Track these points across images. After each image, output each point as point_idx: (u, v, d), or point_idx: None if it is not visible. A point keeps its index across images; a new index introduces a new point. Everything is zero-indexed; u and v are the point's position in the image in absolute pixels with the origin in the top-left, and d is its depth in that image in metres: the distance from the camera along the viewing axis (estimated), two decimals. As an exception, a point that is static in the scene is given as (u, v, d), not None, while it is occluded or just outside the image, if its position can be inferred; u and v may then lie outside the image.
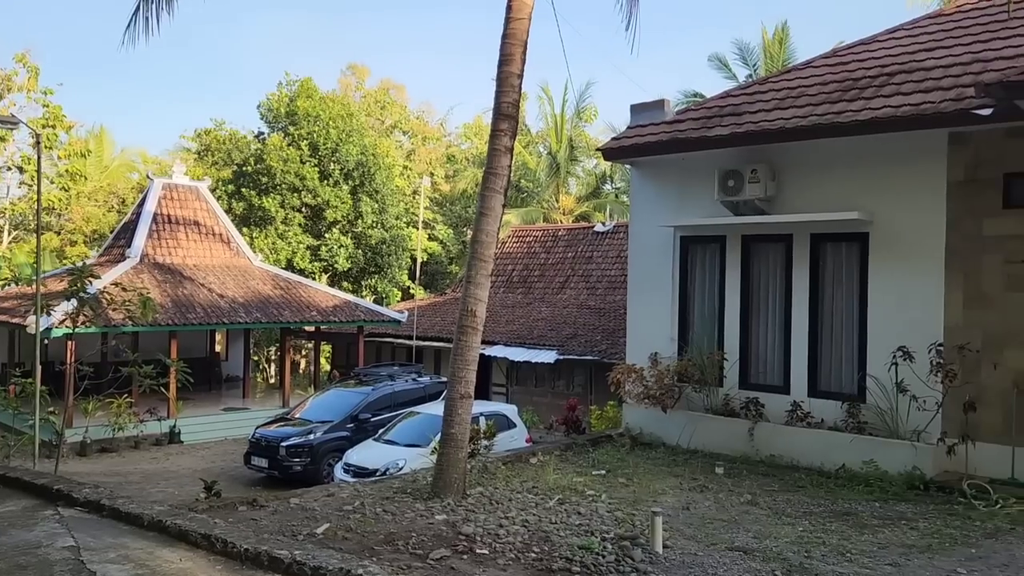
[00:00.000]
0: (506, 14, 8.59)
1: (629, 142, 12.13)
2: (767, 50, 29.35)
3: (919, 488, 8.79)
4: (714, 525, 7.42)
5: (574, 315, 23.67)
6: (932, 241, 9.65)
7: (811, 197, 10.62)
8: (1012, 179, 9.18)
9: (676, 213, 11.80)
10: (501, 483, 8.94)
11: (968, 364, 9.15)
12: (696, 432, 11.00)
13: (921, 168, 9.74)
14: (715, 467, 9.91)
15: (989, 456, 9.00)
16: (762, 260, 11.29)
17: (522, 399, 22.27)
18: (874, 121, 9.58)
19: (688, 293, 11.94)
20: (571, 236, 28.12)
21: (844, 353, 10.48)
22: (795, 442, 10.14)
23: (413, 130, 46.85)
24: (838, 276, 10.61)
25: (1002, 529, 7.32)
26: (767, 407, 10.64)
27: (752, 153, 10.90)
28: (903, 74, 10.41)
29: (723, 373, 11.26)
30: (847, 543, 6.83)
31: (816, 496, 8.60)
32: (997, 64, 9.58)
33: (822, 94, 10.81)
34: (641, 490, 8.78)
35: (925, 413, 9.27)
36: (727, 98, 12.29)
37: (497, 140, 8.60)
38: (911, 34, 11.77)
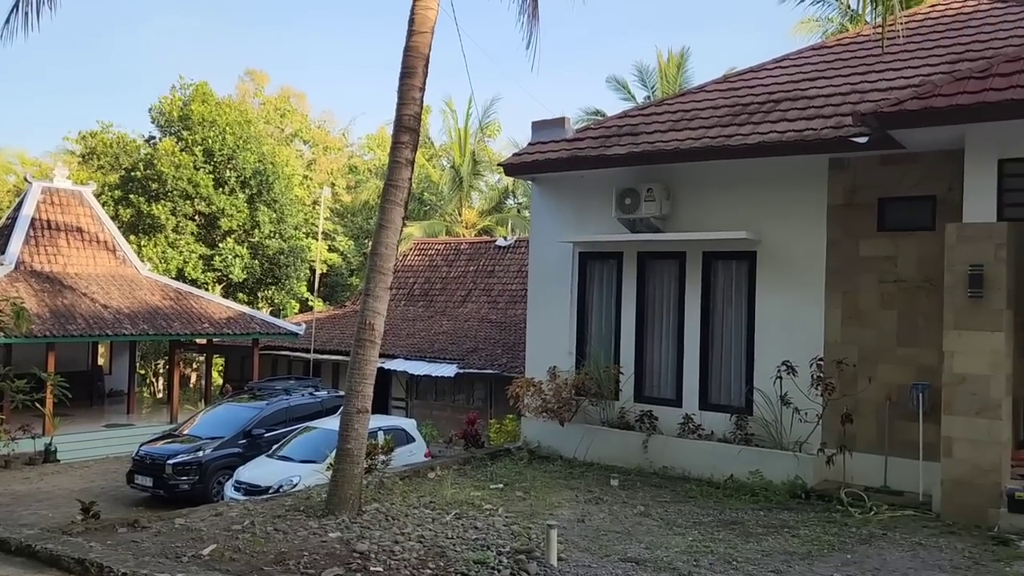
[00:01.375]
0: (408, 27, 8.57)
1: (530, 158, 12.28)
2: (664, 73, 30.31)
3: (801, 497, 9.19)
4: (608, 537, 7.54)
5: (475, 329, 23.69)
6: (814, 261, 10.15)
7: (703, 216, 11.00)
8: (886, 203, 9.78)
9: (575, 229, 12.01)
10: (398, 498, 8.83)
11: (846, 378, 9.65)
12: (593, 445, 11.18)
13: (804, 191, 10.24)
14: (610, 479, 10.09)
15: (864, 465, 9.50)
16: (657, 276, 11.61)
17: (422, 413, 22.10)
18: (761, 145, 10.03)
19: (586, 308, 12.15)
20: (473, 250, 28.19)
21: (733, 367, 10.88)
22: (687, 454, 10.44)
23: (314, 139, 46.01)
24: (728, 293, 11.02)
25: (875, 535, 7.73)
26: (661, 420, 10.92)
27: (648, 172, 11.21)
28: (788, 101, 10.95)
29: (619, 387, 11.50)
30: (733, 551, 7.06)
31: (706, 506, 8.87)
32: (873, 95, 10.20)
33: (714, 118, 11.25)
34: (538, 503, 8.84)
35: (807, 425, 9.71)
36: (625, 118, 12.63)
37: (398, 152, 8.54)
38: (796, 63, 12.40)
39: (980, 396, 8.17)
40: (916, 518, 8.31)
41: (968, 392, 8.22)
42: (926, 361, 9.24)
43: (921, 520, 8.25)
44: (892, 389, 9.51)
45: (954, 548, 7.27)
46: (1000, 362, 8.18)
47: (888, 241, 9.72)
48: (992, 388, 8.15)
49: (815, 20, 23.74)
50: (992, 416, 8.12)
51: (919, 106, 8.30)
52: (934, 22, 12.35)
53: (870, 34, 12.17)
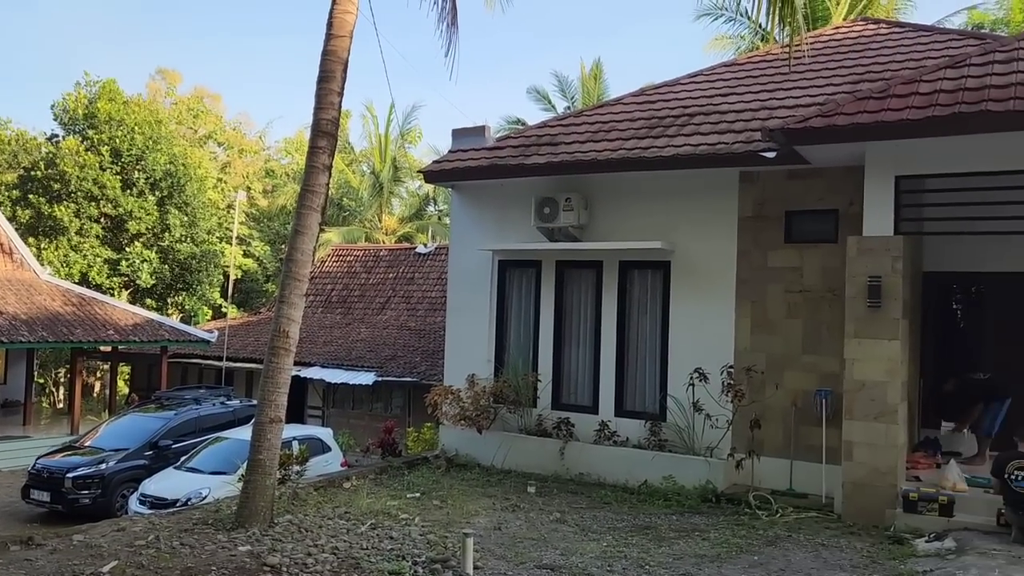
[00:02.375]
0: (327, 30, 8.45)
1: (450, 166, 12.27)
2: (584, 84, 30.77)
3: (712, 501, 9.42)
4: (524, 544, 7.57)
5: (394, 336, 23.47)
6: (725, 271, 10.46)
7: (620, 226, 11.20)
8: (792, 216, 10.16)
9: (495, 237, 12.04)
10: (312, 509, 8.65)
11: (755, 385, 9.96)
12: (510, 452, 11.20)
13: (716, 203, 10.55)
14: (528, 486, 10.13)
15: (772, 469, 9.82)
16: (575, 285, 11.74)
17: (339, 422, 21.72)
18: (675, 158, 10.29)
19: (505, 316, 12.20)
20: (393, 257, 27.94)
21: (648, 375, 11.10)
22: (603, 460, 10.58)
23: (229, 141, 44.78)
24: (643, 302, 11.24)
25: (781, 536, 8.00)
26: (577, 427, 11.03)
27: (567, 182, 11.35)
28: (702, 115, 11.27)
29: (537, 394, 11.58)
30: (646, 556, 7.19)
31: (620, 512, 9.00)
32: (781, 112, 10.60)
33: (631, 130, 11.48)
34: (455, 512, 8.80)
35: (718, 430, 9.98)
36: (545, 128, 12.76)
37: (315, 157, 8.40)
38: (709, 79, 12.78)
39: (878, 402, 8.56)
40: (819, 519, 8.63)
41: (867, 398, 8.60)
42: (829, 368, 9.62)
43: (824, 521, 8.57)
44: (798, 395, 9.87)
45: (854, 548, 7.58)
46: (896, 369, 8.59)
47: (794, 252, 10.09)
48: (889, 394, 8.55)
49: (728, 38, 24.55)
50: (889, 421, 8.51)
51: (823, 123, 8.67)
52: (838, 44, 12.93)
53: (779, 53, 12.65)
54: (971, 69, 8.76)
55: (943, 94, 8.34)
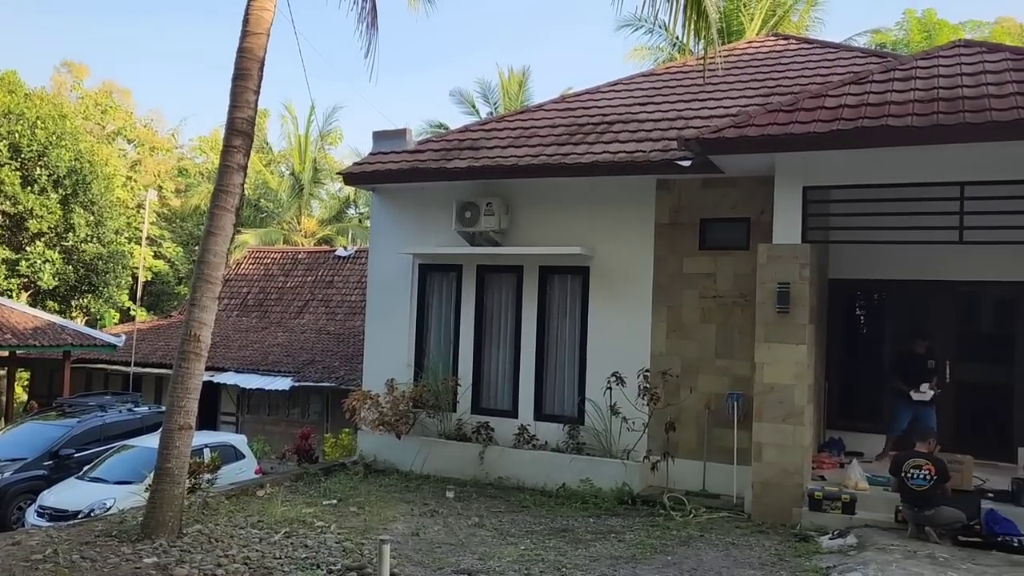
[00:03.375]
0: (243, 27, 8.26)
1: (370, 168, 12.14)
2: (507, 90, 30.92)
3: (628, 503, 9.57)
4: (442, 549, 7.53)
5: (312, 341, 23.03)
6: (642, 276, 10.66)
7: (541, 231, 11.28)
8: (707, 224, 10.44)
9: (415, 241, 11.97)
10: (223, 519, 8.40)
11: (670, 388, 10.18)
12: (430, 457, 11.14)
13: (634, 210, 10.75)
14: (447, 491, 10.09)
15: (686, 470, 10.05)
16: (496, 290, 11.78)
17: (254, 428, 21.18)
18: (595, 164, 10.44)
19: (425, 320, 12.13)
20: (312, 259, 27.42)
21: (567, 379, 11.21)
22: (522, 464, 10.63)
23: (139, 139, 43.14)
24: (563, 306, 11.35)
25: (694, 536, 8.19)
26: (497, 431, 11.06)
27: (488, 187, 11.38)
28: (621, 124, 11.47)
29: (457, 398, 11.56)
30: (563, 558, 7.25)
31: (538, 515, 9.05)
32: (696, 122, 10.88)
33: (552, 136, 11.60)
34: (372, 518, 8.69)
35: (634, 433, 10.15)
36: (466, 132, 12.76)
37: (230, 157, 8.19)
38: (628, 88, 13.03)
39: (786, 404, 8.87)
40: (730, 519, 8.88)
41: (776, 400, 8.90)
42: (740, 372, 9.91)
43: (735, 521, 8.82)
44: (711, 398, 10.13)
45: (762, 546, 7.82)
46: (803, 372, 8.91)
47: (709, 259, 10.37)
48: (796, 396, 8.86)
49: (647, 48, 25.09)
50: (796, 422, 8.83)
51: (735, 134, 8.94)
52: (751, 57, 13.37)
53: (695, 65, 13.00)
54: (873, 86, 9.18)
55: (847, 108, 8.71)
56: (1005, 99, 8.07)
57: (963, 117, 7.95)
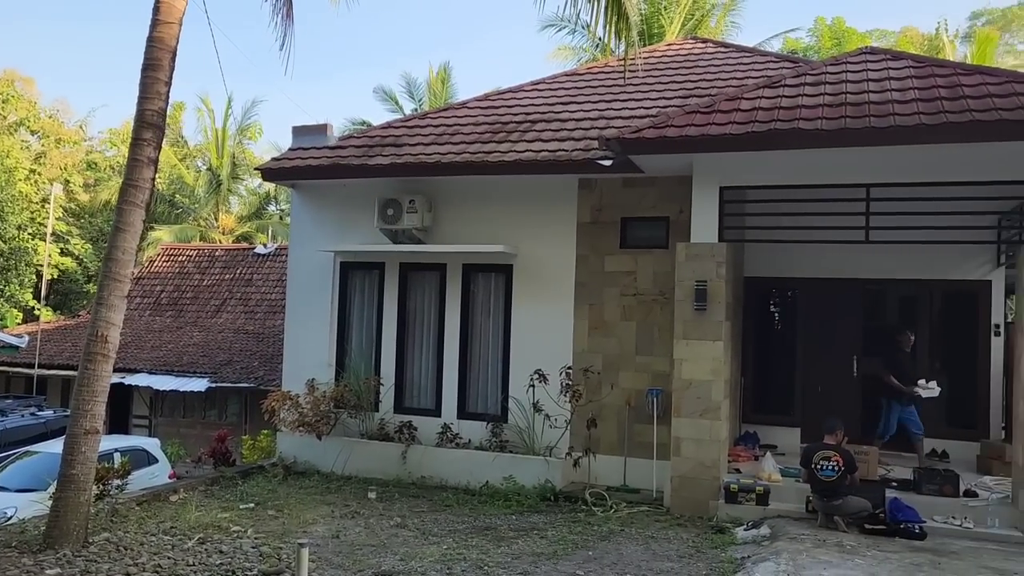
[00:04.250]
0: (153, 16, 7.94)
1: (290, 164, 11.88)
2: (431, 87, 30.74)
3: (551, 499, 9.64)
4: (363, 551, 7.42)
5: (230, 340, 22.41)
6: (565, 274, 10.75)
7: (464, 229, 11.25)
8: (627, 223, 10.59)
9: (337, 238, 11.78)
10: (133, 526, 8.09)
11: (592, 385, 10.30)
12: (351, 458, 10.98)
13: (556, 208, 10.82)
14: (369, 492, 9.96)
15: (607, 466, 10.18)
16: (419, 288, 11.69)
17: (168, 431, 20.49)
18: (517, 163, 10.47)
19: (347, 319, 11.96)
20: (230, 257, 26.67)
21: (491, 377, 11.21)
22: (445, 463, 10.58)
23: (44, 130, 41.14)
24: (486, 305, 11.35)
25: (614, 531, 8.30)
26: (420, 430, 10.99)
27: (411, 184, 11.28)
28: (543, 122, 11.53)
29: (379, 398, 11.43)
30: (485, 556, 7.24)
31: (461, 514, 9.02)
32: (617, 122, 11.03)
33: (475, 134, 11.57)
34: (291, 521, 8.51)
35: (557, 430, 10.22)
36: (389, 129, 12.63)
37: (139, 150, 7.87)
38: (551, 87, 13.12)
39: (704, 399, 9.07)
40: (650, 513, 9.03)
41: (694, 396, 9.10)
42: (660, 368, 10.10)
43: (655, 515, 8.98)
44: (631, 394, 10.29)
45: (680, 539, 7.99)
46: (720, 368, 9.14)
47: (629, 257, 10.52)
48: (713, 392, 9.08)
49: (570, 48, 25.32)
50: (713, 417, 9.04)
51: (655, 135, 9.09)
52: (670, 59, 13.63)
53: (616, 65, 13.16)
54: (786, 90, 9.47)
55: (761, 111, 8.96)
56: (907, 104, 8.44)
57: (869, 122, 8.28)
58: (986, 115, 7.95)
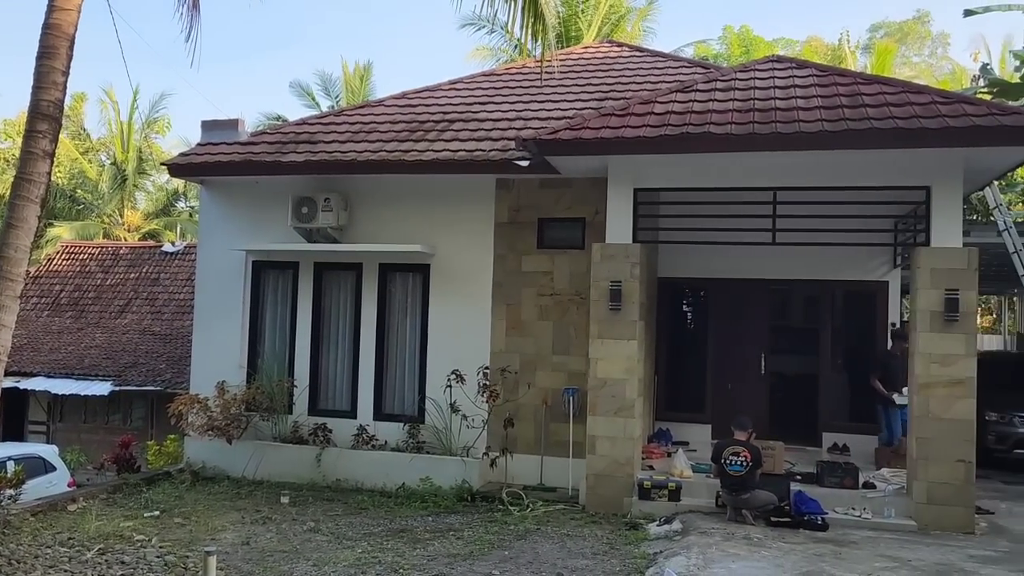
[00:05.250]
0: (49, 2, 7.56)
1: (199, 160, 11.50)
2: (349, 84, 30.28)
3: (468, 500, 9.62)
4: (275, 557, 7.25)
5: (136, 342, 21.55)
6: (482, 274, 10.74)
7: (381, 228, 11.12)
8: (545, 223, 10.66)
9: (249, 237, 11.47)
10: (27, 538, 7.68)
11: (509, 385, 10.32)
12: (264, 462, 10.71)
13: (474, 208, 10.81)
14: (281, 496, 9.72)
15: (524, 465, 10.22)
16: (334, 288, 11.50)
17: (68, 437, 19.58)
18: (435, 162, 10.41)
19: (260, 319, 11.67)
20: (135, 255, 25.63)
21: (407, 377, 11.12)
22: (361, 465, 10.43)
23: (-68, 119, 38.79)
24: (403, 305, 11.25)
25: (531, 530, 8.33)
26: (335, 432, 10.80)
27: (326, 182, 11.08)
28: (461, 122, 11.50)
29: (293, 400, 11.19)
30: (401, 559, 7.17)
31: (377, 516, 8.91)
32: (534, 123, 11.09)
33: (392, 132, 11.45)
34: (199, 529, 8.24)
35: (474, 430, 10.21)
36: (304, 125, 12.37)
37: (34, 142, 7.48)
38: (469, 87, 13.09)
39: (618, 398, 9.21)
40: (566, 511, 9.11)
41: (609, 394, 9.23)
42: (576, 367, 10.20)
43: (570, 513, 9.06)
44: (548, 394, 10.36)
45: (595, 536, 8.08)
46: (634, 367, 9.29)
47: (546, 258, 10.60)
48: (627, 390, 9.23)
49: (489, 48, 25.36)
50: (627, 415, 9.19)
51: (570, 136, 9.18)
52: (587, 62, 13.80)
53: (534, 66, 13.24)
54: (697, 94, 9.70)
55: (674, 115, 9.15)
56: (811, 112, 8.77)
57: (775, 127, 8.55)
58: (883, 123, 8.32)
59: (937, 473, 8.35)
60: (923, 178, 8.70)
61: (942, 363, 8.43)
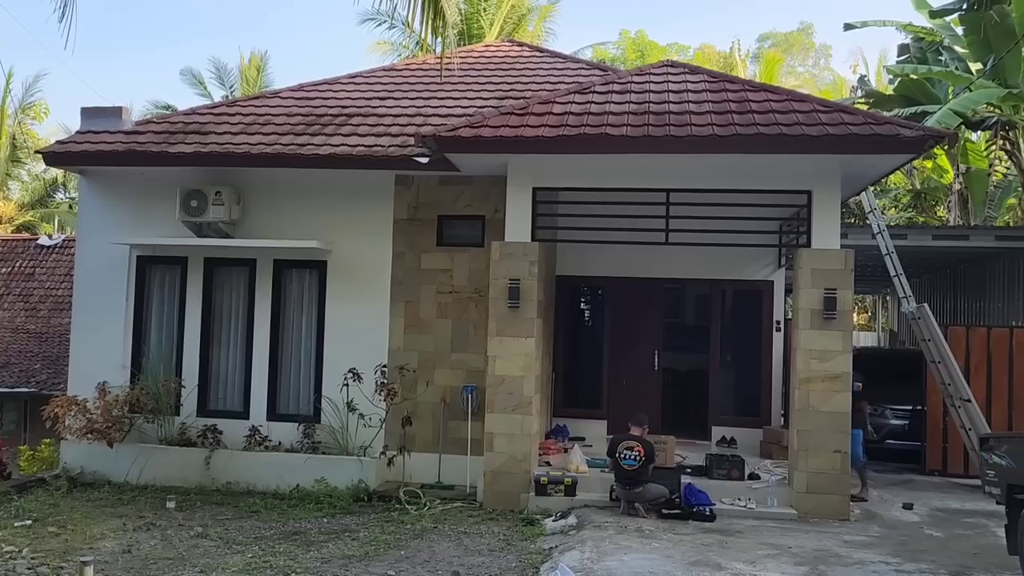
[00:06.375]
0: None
1: (78, 148, 10.90)
2: (244, 75, 29.34)
3: (364, 500, 9.49)
4: (158, 565, 6.94)
5: (7, 340, 20.24)
6: (381, 272, 10.62)
7: (276, 224, 10.82)
8: (444, 221, 10.63)
9: (133, 231, 10.96)
10: None
11: (407, 383, 10.24)
12: (148, 466, 10.24)
13: (373, 205, 10.66)
14: (167, 502, 9.32)
15: (422, 464, 10.16)
16: (226, 284, 11.13)
17: (-70, 444, 18.19)
18: (332, 156, 10.21)
19: (145, 317, 11.18)
20: (8, 248, 24.05)
21: (303, 376, 10.88)
22: (253, 467, 10.12)
23: None
24: (299, 302, 10.99)
25: (428, 529, 8.29)
26: (226, 433, 10.45)
27: (217, 175, 10.70)
28: (360, 117, 11.32)
29: (180, 401, 10.79)
30: (293, 563, 7.00)
31: (269, 519, 8.67)
32: (434, 120, 11.03)
33: (288, 125, 11.16)
34: (75, 538, 7.80)
35: (371, 429, 10.07)
36: (194, 115, 11.91)
37: None
38: (368, 81, 12.91)
39: (516, 395, 9.27)
40: (464, 509, 9.11)
41: (506, 392, 9.28)
42: (475, 365, 10.21)
43: (468, 510, 9.06)
44: (447, 391, 10.33)
45: (492, 533, 8.12)
46: (531, 364, 9.38)
47: (446, 255, 10.56)
48: (525, 387, 9.30)
49: (389, 43, 25.07)
50: (525, 412, 9.26)
51: (470, 134, 9.17)
52: (488, 60, 13.84)
53: (435, 63, 13.16)
54: (595, 96, 9.88)
55: (572, 116, 9.29)
56: (703, 116, 9.06)
57: (669, 130, 8.80)
58: (769, 129, 8.69)
59: (816, 463, 8.79)
60: (805, 183, 9.13)
61: (821, 358, 8.87)
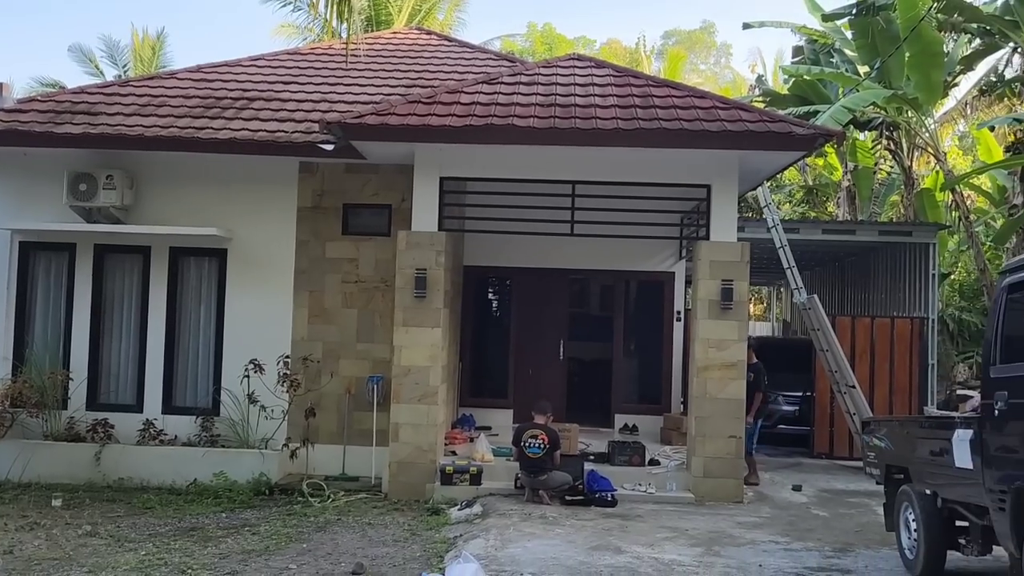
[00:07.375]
0: None
1: (-47, 126, 10.21)
2: (138, 53, 28.00)
3: (265, 493, 9.27)
4: (43, 566, 6.61)
5: None
6: (284, 261, 10.39)
7: (173, 209, 10.44)
8: (349, 209, 10.47)
9: (15, 215, 10.38)
10: None
11: (311, 374, 10.06)
12: (32, 462, 9.69)
13: (276, 192, 10.42)
14: (53, 499, 8.88)
15: (326, 456, 10.01)
16: (118, 272, 10.69)
17: None
18: (232, 141, 9.91)
19: (29, 306, 10.63)
20: None
21: (201, 368, 10.57)
22: (147, 462, 9.76)
23: None
24: (197, 291, 10.66)
25: (331, 521, 8.18)
26: (118, 428, 10.05)
27: (108, 157, 10.24)
28: (262, 101, 11.03)
29: (68, 394, 10.29)
30: (189, 559, 6.78)
31: (164, 516, 8.37)
32: (340, 106, 10.83)
33: (185, 107, 10.77)
34: (-50, 541, 7.35)
35: (273, 421, 9.84)
36: (83, 95, 11.34)
37: None
38: (271, 65, 12.56)
39: (422, 385, 9.25)
40: (368, 500, 9.04)
41: (412, 382, 9.25)
42: (381, 355, 10.12)
43: (372, 502, 8.99)
44: (352, 382, 10.21)
45: (397, 523, 8.08)
46: (438, 354, 9.37)
47: (351, 244, 10.41)
48: (431, 377, 9.29)
49: (295, 26, 24.32)
50: (431, 402, 9.25)
51: (376, 122, 9.07)
52: (395, 48, 13.68)
53: (341, 48, 12.91)
54: (503, 87, 9.91)
55: (479, 106, 9.30)
56: (608, 110, 9.22)
57: (575, 123, 8.93)
58: (671, 124, 8.92)
59: (712, 448, 9.11)
60: (705, 177, 9.43)
61: (718, 347, 9.20)
